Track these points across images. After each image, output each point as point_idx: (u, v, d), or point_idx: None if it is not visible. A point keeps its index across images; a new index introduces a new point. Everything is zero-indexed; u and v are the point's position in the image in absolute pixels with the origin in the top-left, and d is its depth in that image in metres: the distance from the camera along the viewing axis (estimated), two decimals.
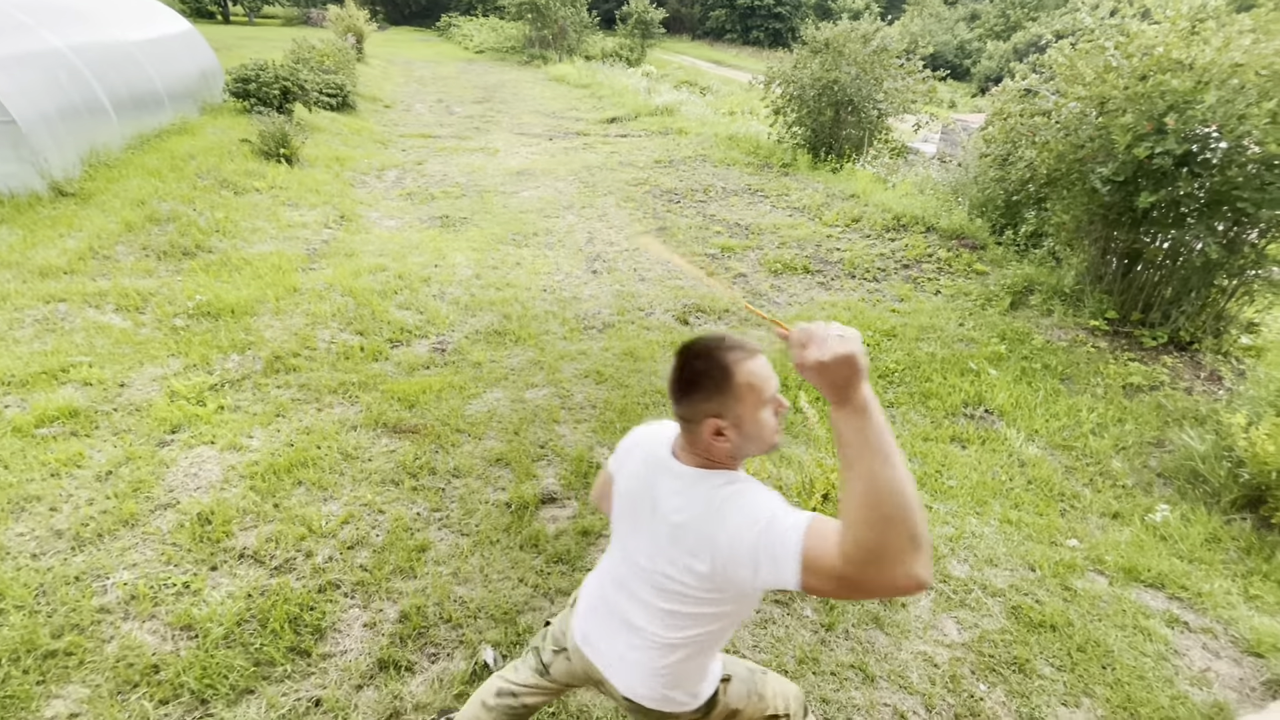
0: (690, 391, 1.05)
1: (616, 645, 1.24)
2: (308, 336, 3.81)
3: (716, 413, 1.04)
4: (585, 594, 1.35)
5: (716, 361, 1.03)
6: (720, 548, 1.02)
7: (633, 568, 1.19)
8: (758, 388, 1.04)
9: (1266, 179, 3.79)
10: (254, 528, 2.43)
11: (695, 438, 1.08)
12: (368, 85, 13.60)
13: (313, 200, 6.19)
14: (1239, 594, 2.57)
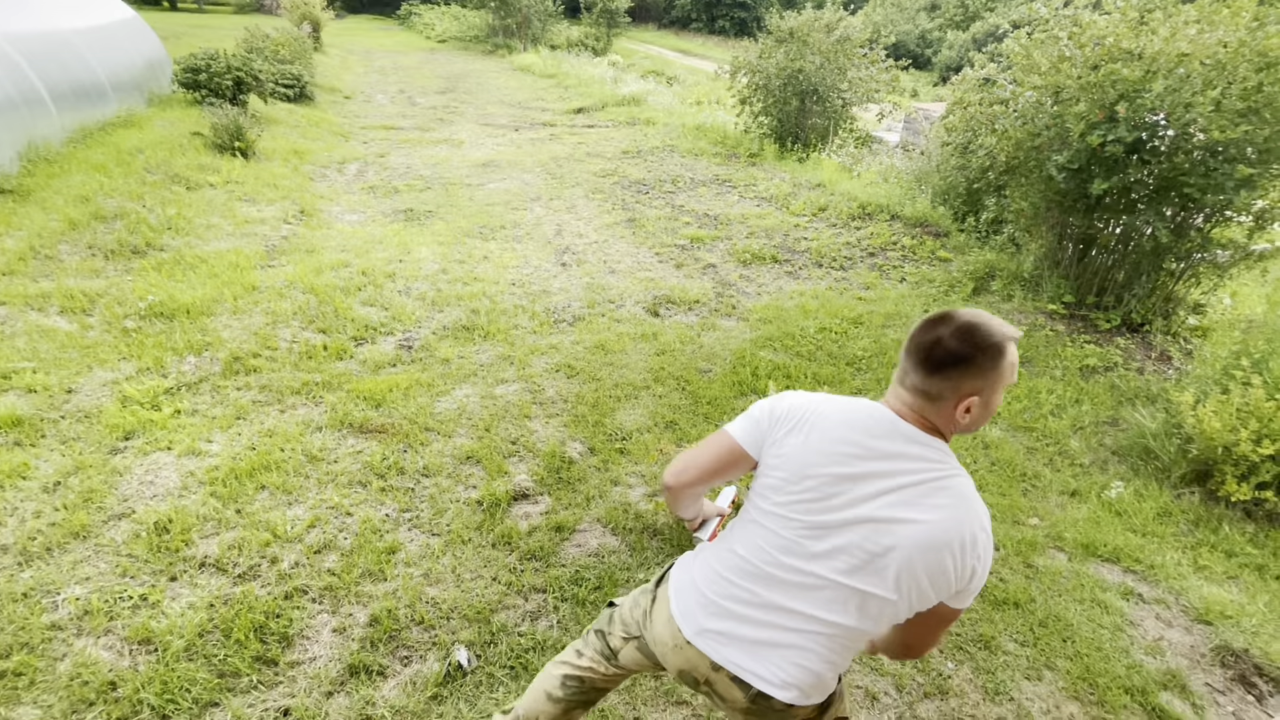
0: (958, 367, 1.05)
1: (759, 635, 1.13)
2: (268, 336, 3.70)
3: (978, 390, 1.06)
4: (697, 583, 1.21)
5: (993, 341, 1.05)
6: (971, 575, 1.07)
7: (808, 546, 1.10)
8: (1015, 368, 1.09)
9: (1211, 165, 3.93)
10: (215, 535, 2.35)
11: (938, 412, 1.08)
12: (326, 76, 13.22)
13: (270, 195, 6.00)
14: (1189, 565, 2.69)
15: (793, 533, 1.12)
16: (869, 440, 1.09)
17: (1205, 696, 2.14)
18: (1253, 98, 3.82)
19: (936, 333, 1.06)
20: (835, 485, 1.09)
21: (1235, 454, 2.93)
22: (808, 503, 1.11)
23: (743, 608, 1.15)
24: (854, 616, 1.10)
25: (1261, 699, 2.17)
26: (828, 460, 1.10)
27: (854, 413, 1.13)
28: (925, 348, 1.07)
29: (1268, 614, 2.45)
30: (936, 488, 1.06)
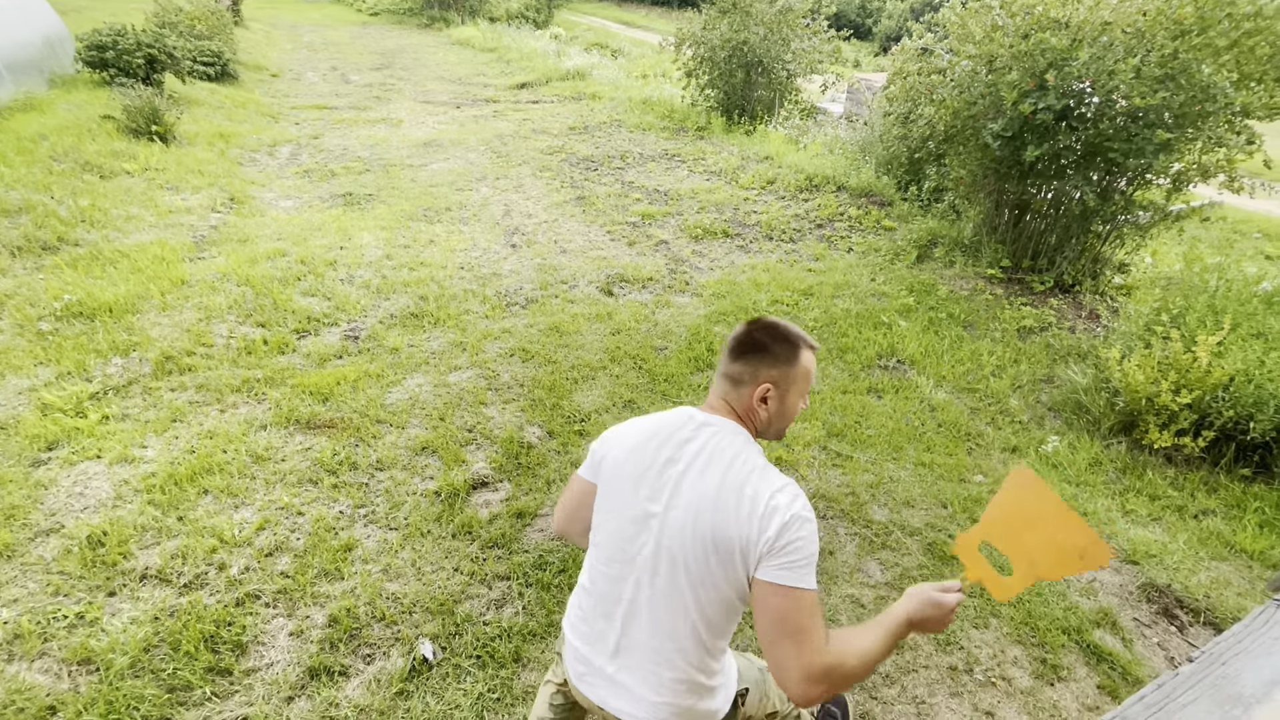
0: (758, 354, 1.18)
1: (615, 671, 1.15)
2: (202, 332, 3.52)
3: (774, 380, 1.17)
4: (569, 628, 1.25)
5: (791, 340, 1.19)
6: (779, 520, 1.04)
7: (642, 565, 1.12)
8: (810, 376, 1.22)
9: (1133, 130, 4.12)
10: (156, 545, 2.24)
11: (740, 396, 1.19)
12: (250, 52, 12.44)
13: (196, 182, 5.66)
14: (1118, 510, 2.87)
15: (619, 540, 1.15)
16: (667, 432, 1.17)
17: (1134, 631, 2.31)
18: (1169, 64, 4.01)
19: (748, 328, 1.21)
20: (638, 477, 1.15)
21: (1157, 404, 3.13)
22: (623, 495, 1.16)
23: (593, 645, 1.18)
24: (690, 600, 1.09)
25: (1183, 629, 2.36)
26: (632, 458, 1.17)
27: (658, 419, 1.21)
28: (737, 338, 1.21)
29: (1187, 551, 2.65)
30: (731, 456, 1.11)
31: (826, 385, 3.60)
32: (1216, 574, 2.56)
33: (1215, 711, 0.84)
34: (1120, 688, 2.08)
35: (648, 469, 1.14)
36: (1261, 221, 8.25)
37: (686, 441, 1.14)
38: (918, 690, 2.02)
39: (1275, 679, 0.88)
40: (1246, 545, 2.69)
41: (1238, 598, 2.45)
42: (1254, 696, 0.85)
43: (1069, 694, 2.05)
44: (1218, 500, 2.95)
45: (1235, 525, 2.81)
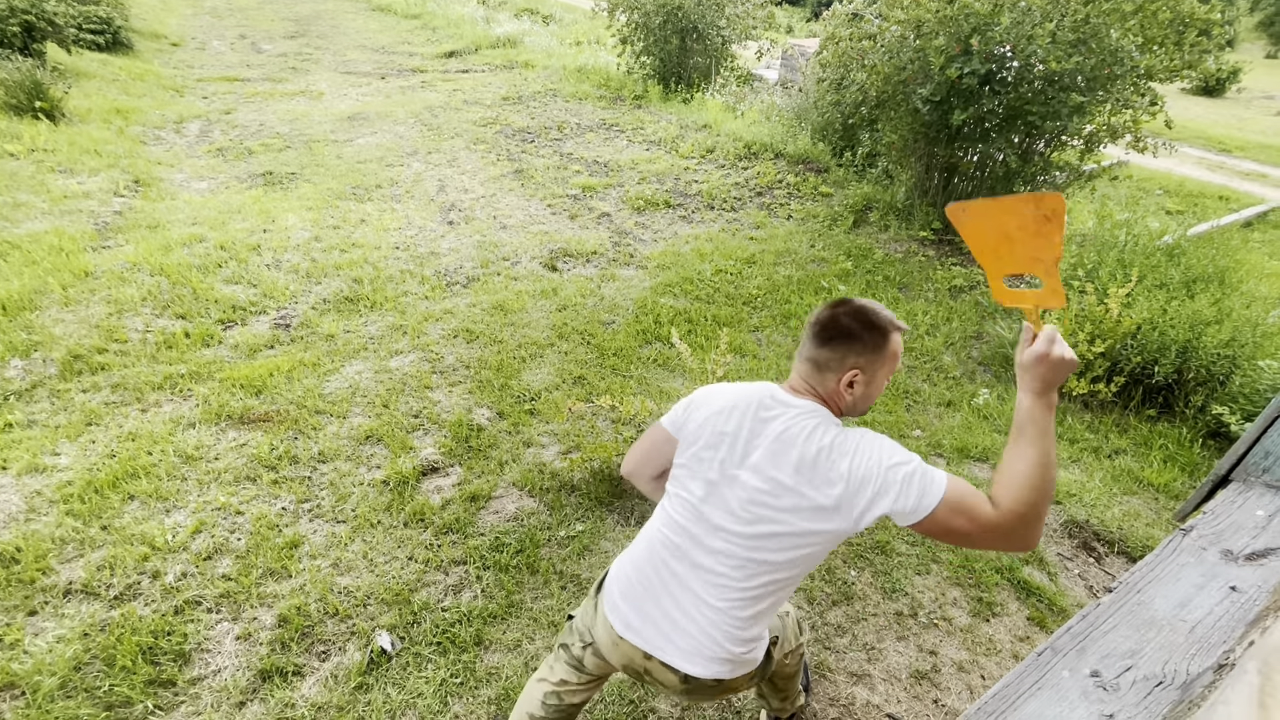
0: (845, 341, 1.16)
1: (676, 621, 1.18)
2: (114, 328, 3.27)
3: (861, 366, 1.16)
4: (621, 577, 1.26)
5: (880, 324, 1.17)
6: (859, 475, 1.07)
7: (709, 524, 1.16)
8: (898, 357, 1.21)
9: (1049, 94, 4.30)
10: (79, 557, 2.10)
11: (823, 382, 1.18)
12: (145, 19, 11.39)
13: (93, 164, 5.19)
14: None
15: (692, 502, 1.19)
16: (750, 408, 1.18)
17: (1057, 565, 2.50)
18: (1081, 29, 4.19)
19: (835, 312, 1.18)
20: (718, 443, 1.18)
21: (1075, 354, 3.34)
22: (703, 465, 1.19)
23: (656, 584, 1.20)
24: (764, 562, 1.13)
25: (1100, 560, 2.56)
26: (716, 422, 1.20)
27: (743, 390, 1.22)
28: (822, 323, 1.18)
29: (1102, 489, 2.87)
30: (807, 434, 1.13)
31: (772, 351, 3.67)
32: (1128, 508, 2.79)
33: (1133, 635, 0.92)
34: (1048, 618, 2.25)
35: (726, 438, 1.17)
36: (1163, 179, 8.83)
37: (768, 420, 1.16)
38: (867, 637, 2.13)
39: (1183, 601, 0.96)
40: (1153, 479, 2.94)
41: (1147, 528, 2.68)
42: (1165, 619, 0.93)
43: (1003, 628, 2.21)
44: (1128, 440, 3.20)
45: (1143, 462, 3.05)
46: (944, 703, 1.96)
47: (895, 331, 1.19)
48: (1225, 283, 3.71)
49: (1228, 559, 1.04)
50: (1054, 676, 0.88)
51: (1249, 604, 0.95)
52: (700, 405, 1.24)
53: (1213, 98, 17.87)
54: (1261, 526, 1.09)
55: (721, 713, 1.87)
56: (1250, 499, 1.16)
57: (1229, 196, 8.41)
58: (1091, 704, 0.83)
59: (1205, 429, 3.20)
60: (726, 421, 1.19)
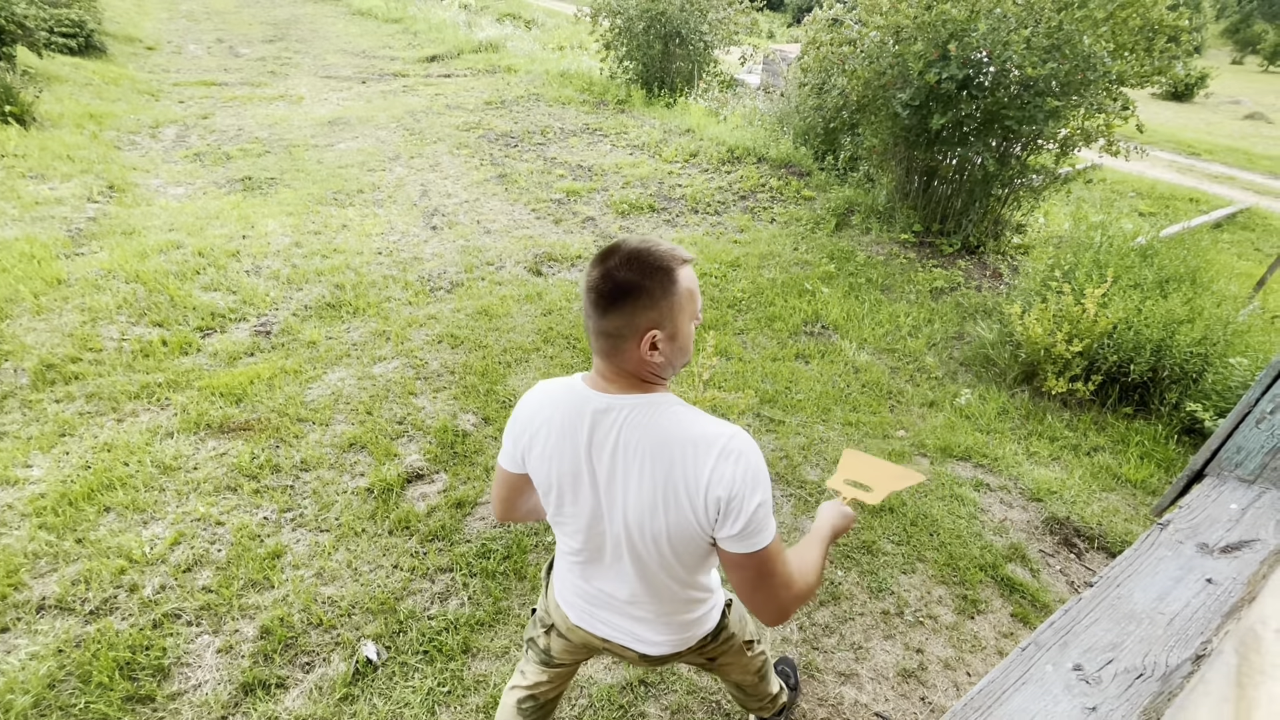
0: (627, 299, 0.94)
1: (616, 621, 1.19)
2: (88, 336, 3.20)
3: (656, 322, 0.95)
4: (560, 577, 1.25)
5: (661, 264, 0.95)
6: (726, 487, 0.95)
7: (599, 546, 1.10)
8: (695, 295, 1.00)
9: (1025, 99, 4.39)
10: (53, 571, 2.05)
11: (626, 355, 0.98)
12: (119, 22, 11.22)
13: (65, 169, 5.09)
14: (1023, 453, 3.12)
15: (579, 540, 1.12)
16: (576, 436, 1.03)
17: (1039, 561, 2.53)
18: (1055, 35, 4.27)
19: (605, 266, 0.96)
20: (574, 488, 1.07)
21: (1053, 354, 3.40)
22: (568, 508, 1.09)
23: (594, 600, 1.20)
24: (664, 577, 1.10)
25: (1080, 555, 2.61)
26: (556, 467, 1.06)
27: (561, 404, 1.06)
28: (595, 287, 0.96)
29: (1081, 485, 2.92)
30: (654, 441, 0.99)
31: (757, 354, 3.69)
32: (1107, 504, 2.84)
33: (1114, 629, 0.93)
34: (1031, 614, 2.28)
35: (576, 463, 1.04)
36: (1135, 182, 9.03)
37: (602, 432, 1.01)
38: (855, 637, 2.15)
39: (1161, 594, 0.98)
40: (1130, 476, 2.99)
41: (1125, 523, 2.73)
42: (1145, 612, 0.95)
43: (987, 625, 2.23)
44: (1105, 437, 3.26)
45: (1121, 459, 3.11)
46: (931, 700, 1.97)
47: (683, 265, 0.98)
48: (1197, 282, 3.80)
49: (1203, 552, 1.06)
50: (1038, 671, 0.89)
51: (1225, 595, 0.97)
52: (529, 444, 1.08)
53: (1182, 102, 18.34)
54: (1235, 520, 1.12)
55: (710, 715, 1.87)
56: (1224, 493, 1.19)
57: (1199, 199, 8.62)
58: (1075, 697, 0.84)
59: (1180, 425, 3.27)
60: (562, 463, 1.05)
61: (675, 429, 0.98)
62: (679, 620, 1.19)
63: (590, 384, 1.04)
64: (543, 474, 1.08)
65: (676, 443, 0.97)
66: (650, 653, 1.21)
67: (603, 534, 1.09)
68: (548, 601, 1.32)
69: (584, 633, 1.24)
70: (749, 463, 0.97)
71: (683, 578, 1.12)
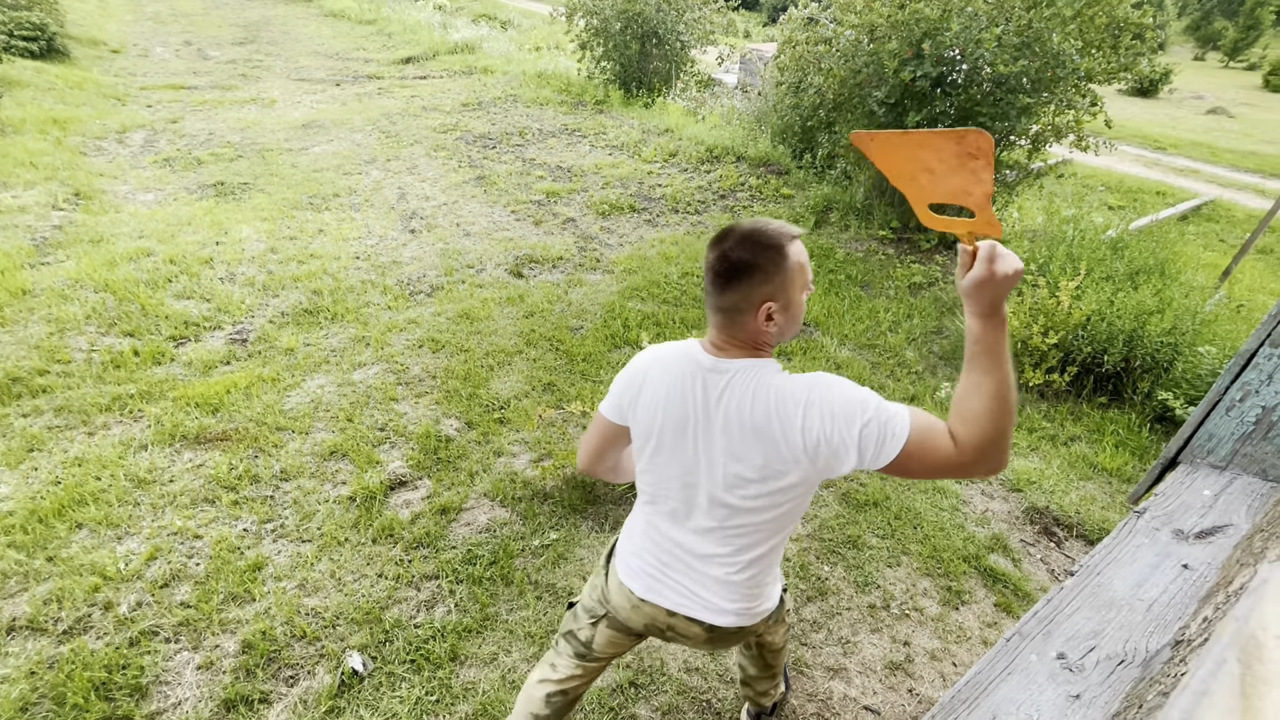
0: (745, 276, 1.05)
1: (689, 586, 1.21)
2: (56, 348, 3.11)
3: (771, 296, 1.05)
4: (631, 545, 1.27)
5: (772, 242, 1.05)
6: (815, 435, 1.01)
7: (689, 498, 1.15)
8: (805, 267, 1.09)
9: (997, 96, 4.46)
10: (23, 591, 1.99)
11: (742, 327, 1.08)
12: (82, 25, 10.93)
13: (28, 176, 4.95)
14: None
15: (670, 489, 1.18)
16: (687, 388, 1.12)
17: (1021, 550, 2.57)
18: (1025, 33, 4.35)
19: (721, 248, 1.06)
20: (676, 437, 1.13)
21: (1030, 346, 3.46)
22: (665, 456, 1.16)
23: (670, 559, 1.22)
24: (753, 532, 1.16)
25: (1060, 543, 2.65)
26: (662, 416, 1.14)
27: (673, 363, 1.15)
28: (714, 267, 1.07)
29: (1060, 475, 2.97)
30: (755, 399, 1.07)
31: None
32: (1084, 492, 2.89)
33: (1095, 617, 0.95)
34: (1014, 603, 2.32)
35: (685, 417, 1.12)
36: (1104, 176, 9.23)
37: (704, 397, 1.10)
38: (842, 631, 2.16)
39: (1139, 581, 1.00)
40: (1106, 464, 3.06)
41: (1102, 511, 2.79)
42: (1124, 600, 0.97)
43: (972, 615, 2.27)
44: (1082, 427, 3.32)
45: (1097, 448, 3.17)
46: (918, 691, 2.00)
47: (792, 242, 1.07)
48: (1165, 274, 3.89)
49: (1179, 538, 1.08)
50: (1022, 661, 0.90)
51: (1200, 580, 0.99)
52: (637, 395, 1.18)
53: (1147, 98, 18.78)
54: (1209, 506, 1.15)
55: (702, 715, 1.87)
56: (1197, 480, 1.22)
57: (1165, 191, 8.84)
58: (1059, 685, 0.86)
59: (1152, 414, 3.34)
60: (669, 412, 1.13)
61: (774, 389, 1.06)
62: (751, 587, 1.20)
63: (705, 349, 1.13)
64: (646, 422, 1.16)
65: (774, 401, 1.05)
66: (719, 623, 1.20)
67: (696, 486, 1.14)
68: (607, 587, 1.32)
69: (651, 608, 1.24)
70: (829, 404, 1.02)
71: (762, 538, 1.16)
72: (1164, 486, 1.23)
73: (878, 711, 1.93)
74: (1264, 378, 1.13)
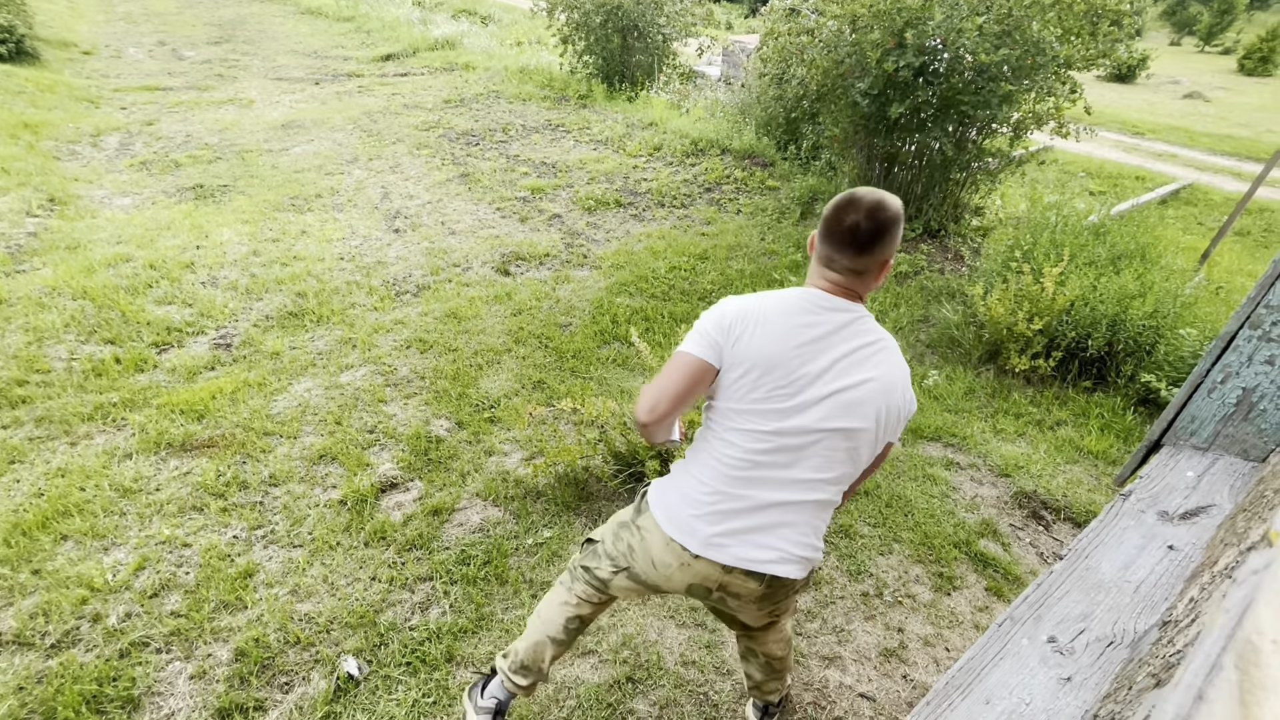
0: (885, 239, 1.19)
1: (766, 534, 1.24)
2: (34, 357, 3.06)
3: (891, 254, 1.23)
4: (692, 501, 1.27)
5: (897, 212, 1.20)
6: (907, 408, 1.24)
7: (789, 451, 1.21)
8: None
9: (980, 85, 4.48)
10: (9, 606, 1.96)
11: (867, 282, 1.24)
12: (52, 26, 10.70)
13: (1, 183, 4.84)
14: (990, 431, 3.20)
15: (771, 422, 1.22)
16: (812, 323, 1.22)
17: (1010, 535, 2.61)
18: (1006, 21, 4.37)
19: (853, 218, 1.19)
20: (799, 368, 1.21)
21: (1015, 332, 3.49)
22: (780, 389, 1.21)
23: (739, 507, 1.24)
24: (840, 465, 1.24)
25: (1049, 527, 2.69)
26: (784, 349, 1.21)
27: (790, 301, 1.24)
28: (850, 233, 1.19)
29: (1047, 459, 3.01)
30: (877, 349, 1.24)
31: None
32: (1071, 475, 2.93)
33: (1084, 599, 0.96)
34: (1004, 587, 2.35)
35: (792, 365, 1.20)
36: (1085, 162, 9.32)
37: (831, 333, 1.21)
38: (836, 620, 2.18)
39: (1127, 563, 1.01)
40: (1092, 447, 3.10)
41: (1089, 493, 2.83)
42: (1112, 581, 0.98)
43: (963, 600, 2.29)
44: (1067, 411, 3.36)
45: (1082, 431, 3.22)
46: (912, 677, 2.02)
47: (900, 209, 1.23)
48: (1146, 258, 3.94)
49: (1164, 520, 1.10)
50: (1014, 645, 0.91)
51: (1185, 561, 1.00)
52: (743, 330, 1.21)
53: (1125, 84, 18.97)
54: (1192, 487, 1.16)
55: (700, 708, 1.88)
56: (1181, 461, 1.23)
57: (1144, 176, 8.94)
58: (1050, 669, 0.87)
59: (1136, 397, 3.39)
60: (785, 347, 1.20)
61: (894, 353, 1.25)
62: (818, 533, 1.28)
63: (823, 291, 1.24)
64: (756, 357, 1.20)
65: (896, 367, 1.23)
66: (780, 573, 1.24)
67: (798, 426, 1.20)
68: (642, 543, 1.33)
69: (706, 564, 1.26)
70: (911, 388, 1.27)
71: (843, 484, 1.27)
72: (1148, 469, 1.24)
73: (873, 698, 1.95)
74: (1244, 360, 1.15)
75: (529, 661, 1.50)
